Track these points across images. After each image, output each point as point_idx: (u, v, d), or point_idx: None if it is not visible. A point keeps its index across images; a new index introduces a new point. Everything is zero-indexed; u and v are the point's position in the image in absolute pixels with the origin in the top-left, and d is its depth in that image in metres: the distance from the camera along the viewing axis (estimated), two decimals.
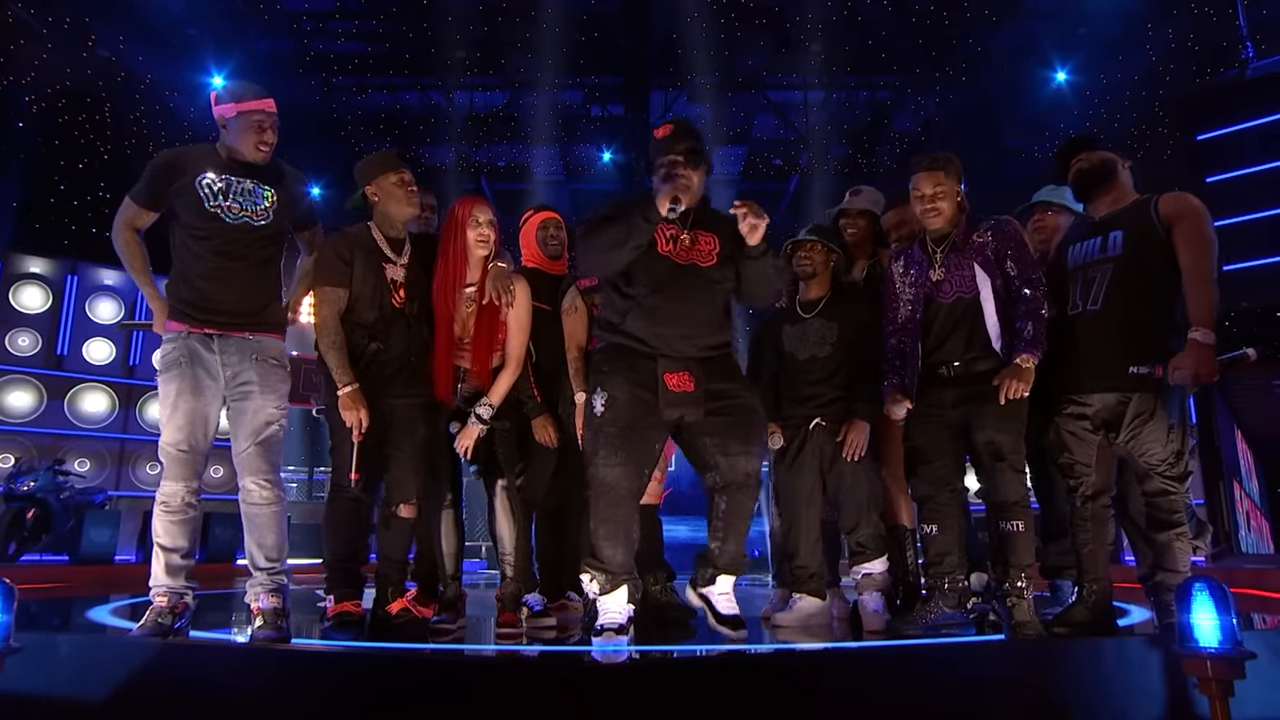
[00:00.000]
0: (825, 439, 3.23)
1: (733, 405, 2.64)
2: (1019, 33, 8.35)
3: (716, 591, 2.68)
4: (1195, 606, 2.08)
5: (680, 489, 11.94)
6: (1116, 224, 2.81)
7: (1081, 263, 2.84)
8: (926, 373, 2.94)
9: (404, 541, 3.04)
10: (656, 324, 2.64)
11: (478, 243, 3.06)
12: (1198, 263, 2.63)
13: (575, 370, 3.32)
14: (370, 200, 3.04)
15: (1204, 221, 2.70)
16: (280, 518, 2.68)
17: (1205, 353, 2.53)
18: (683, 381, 2.60)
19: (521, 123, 10.03)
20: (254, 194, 2.72)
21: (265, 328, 2.72)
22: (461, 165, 10.23)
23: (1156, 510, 2.69)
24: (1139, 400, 2.67)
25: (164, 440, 2.65)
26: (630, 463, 2.59)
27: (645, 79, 9.80)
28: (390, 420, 2.94)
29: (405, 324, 2.97)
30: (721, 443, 2.64)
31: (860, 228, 3.59)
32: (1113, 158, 2.88)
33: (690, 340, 2.64)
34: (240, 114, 2.70)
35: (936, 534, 2.92)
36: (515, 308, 3.10)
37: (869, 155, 10.04)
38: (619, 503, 2.58)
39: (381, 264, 2.96)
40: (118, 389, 8.86)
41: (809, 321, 3.34)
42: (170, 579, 2.60)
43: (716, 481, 2.67)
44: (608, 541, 2.59)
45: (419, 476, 2.98)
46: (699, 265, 2.68)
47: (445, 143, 10.08)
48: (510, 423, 3.18)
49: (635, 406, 2.61)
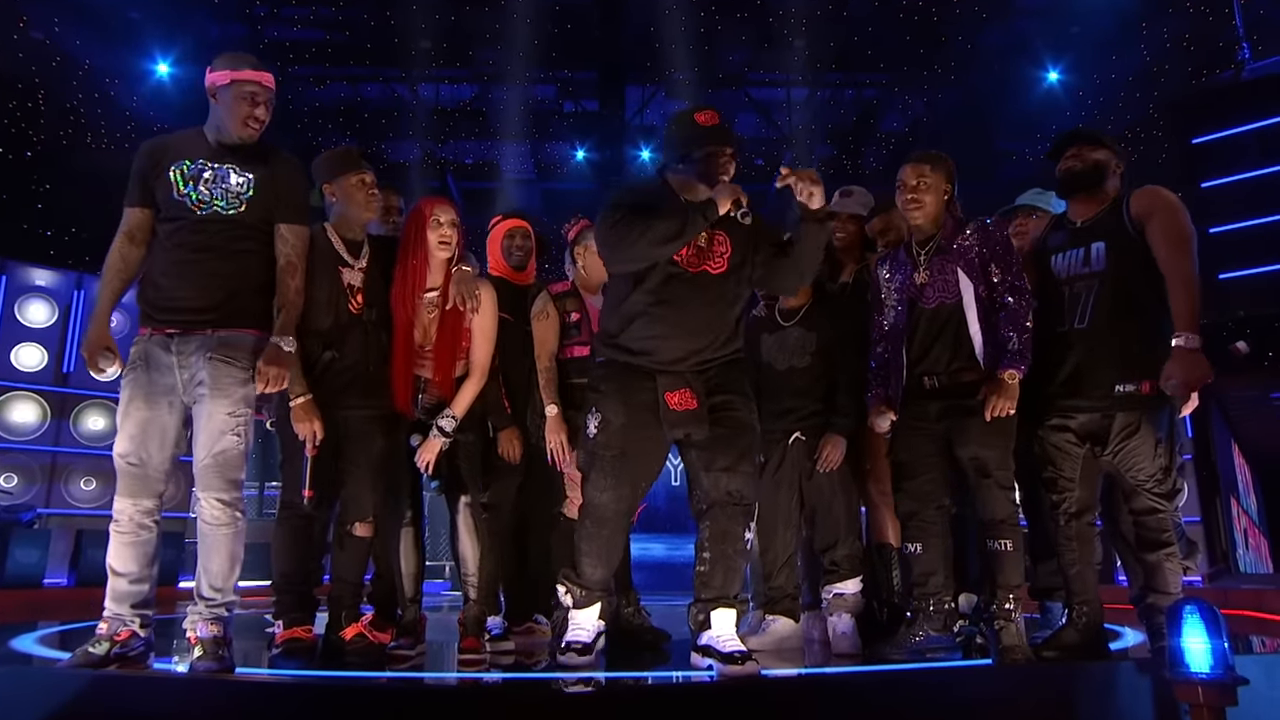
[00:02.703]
0: (805, 455, 3.26)
1: (726, 418, 2.62)
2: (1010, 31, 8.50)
3: (713, 634, 2.54)
4: (1186, 630, 2.12)
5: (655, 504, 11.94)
6: (1097, 233, 2.85)
7: (1066, 276, 2.89)
8: (911, 384, 2.97)
9: (359, 562, 3.01)
10: (661, 337, 2.62)
11: (440, 245, 3.06)
12: (1175, 260, 2.67)
13: (545, 381, 3.33)
14: (327, 200, 3.03)
15: (1176, 214, 2.73)
16: (232, 542, 2.57)
17: (1192, 358, 2.56)
18: (685, 399, 2.59)
19: (490, 118, 10.01)
20: (228, 180, 2.62)
21: (230, 322, 2.58)
22: (427, 162, 10.18)
23: (1144, 529, 2.74)
24: (1125, 414, 2.72)
25: (115, 451, 2.58)
26: (622, 486, 2.61)
27: (621, 74, 9.83)
28: (346, 433, 2.92)
29: (362, 331, 2.96)
30: (707, 457, 2.62)
31: (850, 232, 3.61)
32: (1105, 161, 2.90)
33: (696, 355, 2.63)
34: (234, 82, 2.61)
35: (921, 553, 2.95)
36: (481, 314, 3.10)
37: (855, 156, 10.14)
38: (604, 523, 2.63)
39: (337, 267, 2.95)
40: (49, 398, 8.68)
41: (788, 330, 3.37)
42: (114, 604, 2.52)
43: (700, 502, 2.65)
44: (589, 559, 2.63)
45: (376, 493, 2.96)
46: (710, 273, 2.65)
47: (409, 138, 10.04)
48: (475, 436, 3.18)
49: (631, 430, 2.61)
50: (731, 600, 2.58)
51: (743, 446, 2.61)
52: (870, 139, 10.16)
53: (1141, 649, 3.05)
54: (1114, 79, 8.34)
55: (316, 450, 2.83)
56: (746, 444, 2.62)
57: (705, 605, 2.58)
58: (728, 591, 2.57)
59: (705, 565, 2.60)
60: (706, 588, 2.59)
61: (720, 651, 2.49)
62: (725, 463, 2.58)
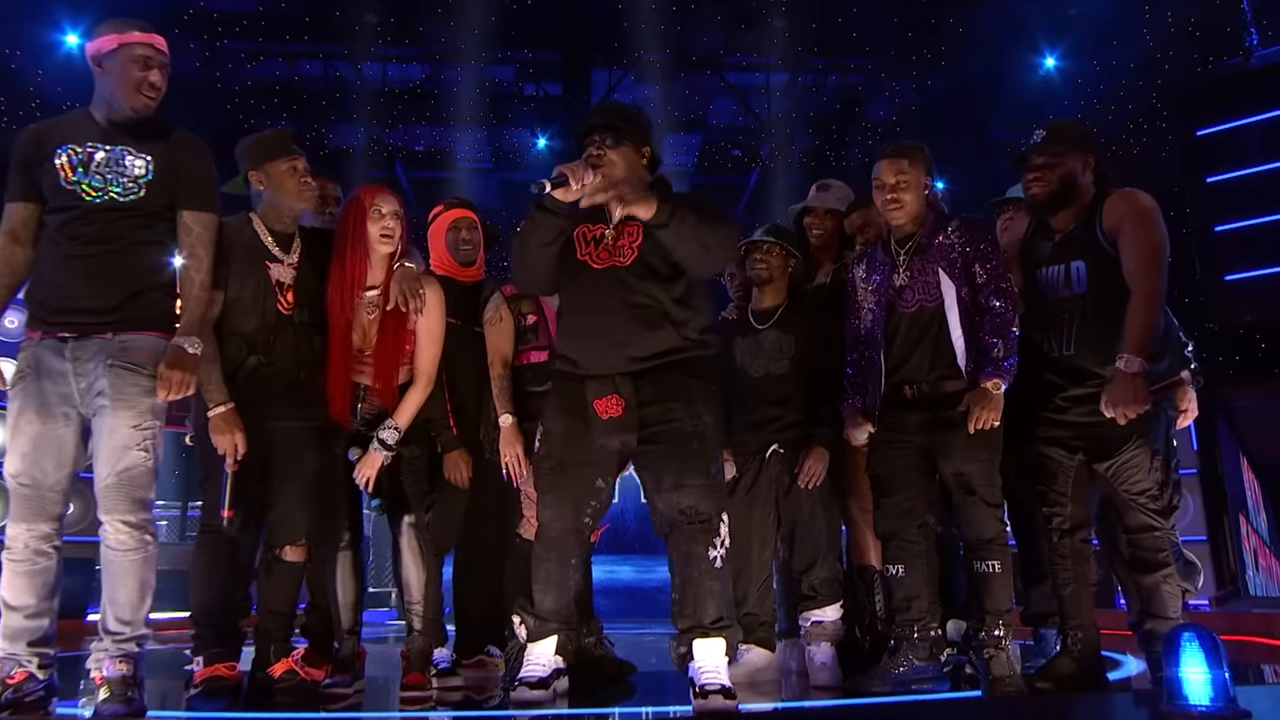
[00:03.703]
0: (783, 468, 3.28)
1: (664, 431, 2.60)
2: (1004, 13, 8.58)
3: (696, 665, 2.53)
4: (1185, 659, 2.15)
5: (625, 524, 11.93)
6: (1076, 249, 2.91)
7: (1050, 297, 2.94)
8: (890, 393, 3.00)
9: (290, 590, 2.98)
10: (579, 341, 2.69)
11: (381, 238, 3.04)
12: (1140, 276, 2.73)
13: (499, 390, 3.34)
14: (254, 188, 2.99)
15: (1147, 224, 2.78)
16: (141, 569, 2.51)
17: (1130, 383, 2.63)
18: (610, 406, 2.60)
19: (443, 101, 9.93)
20: (123, 163, 2.55)
21: (133, 324, 2.52)
22: (372, 148, 10.08)
23: (1139, 549, 2.79)
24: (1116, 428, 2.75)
25: (5, 471, 2.53)
26: (564, 501, 2.63)
27: (586, 55, 9.82)
28: (274, 446, 2.89)
29: (293, 333, 2.93)
30: (654, 477, 2.63)
31: (827, 228, 3.65)
32: (1072, 170, 2.93)
33: (617, 353, 2.63)
34: (122, 46, 2.55)
35: (903, 575, 2.97)
36: (426, 314, 3.09)
37: (838, 147, 10.19)
38: (550, 544, 2.65)
39: (265, 263, 2.91)
40: None
41: (763, 333, 3.39)
42: (8, 643, 2.45)
43: (660, 526, 2.65)
44: (537, 585, 2.65)
45: (309, 513, 2.92)
46: (618, 267, 2.68)
47: (353, 121, 9.92)
48: (420, 449, 3.17)
49: (568, 440, 2.65)
50: (710, 628, 2.54)
51: (686, 458, 2.58)
52: (855, 128, 10.21)
53: (1143, 679, 3.10)
54: (1114, 65, 8.46)
55: (238, 465, 2.79)
56: (690, 454, 2.59)
57: (684, 637, 2.58)
58: (702, 619, 2.54)
59: (676, 593, 2.61)
60: (681, 617, 2.59)
61: (696, 684, 2.49)
62: (672, 480, 2.58)
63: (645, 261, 2.67)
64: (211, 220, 2.69)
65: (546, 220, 2.64)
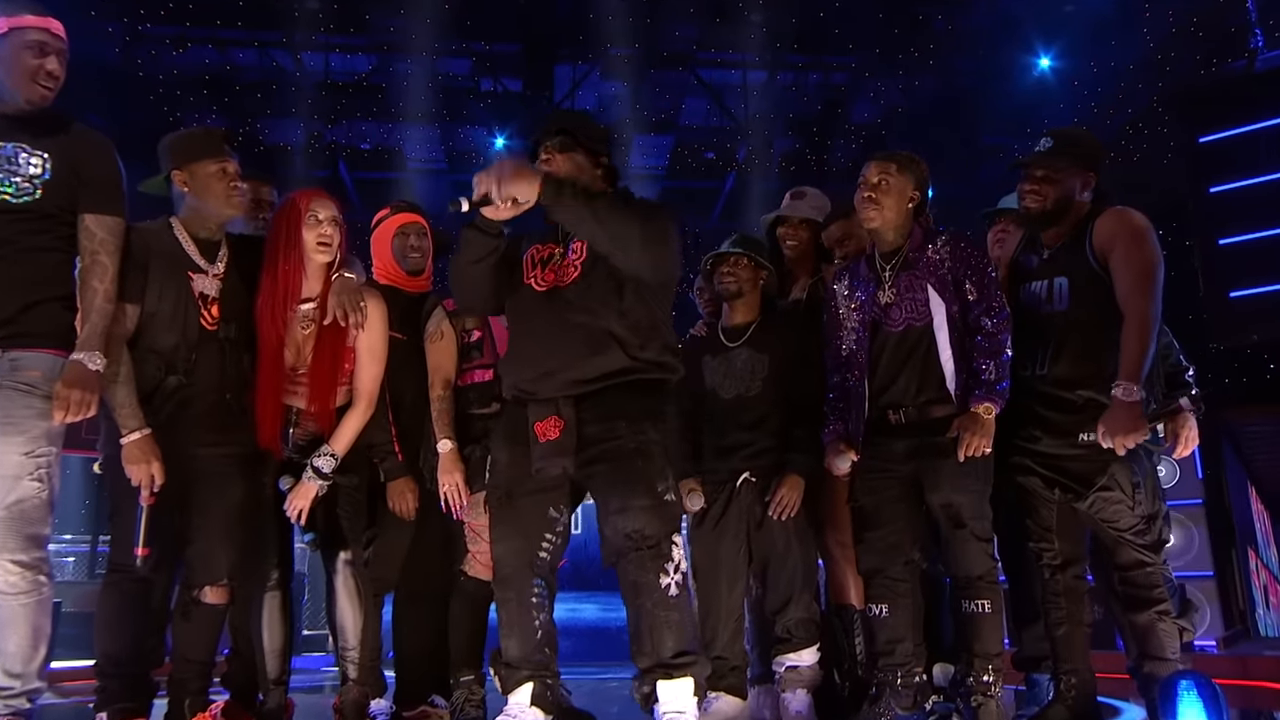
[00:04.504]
0: (755, 499, 3.28)
1: (607, 450, 2.61)
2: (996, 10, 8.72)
3: (660, 711, 2.52)
4: (1182, 709, 2.17)
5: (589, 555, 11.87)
6: (1062, 265, 2.99)
7: (1031, 314, 3.00)
8: (874, 418, 3.02)
9: (210, 636, 2.93)
10: (523, 366, 2.74)
11: (318, 246, 3.02)
12: (1133, 298, 2.80)
13: (439, 413, 3.31)
14: (176, 189, 2.96)
15: (1140, 243, 2.87)
16: (35, 614, 2.46)
17: (1127, 411, 2.70)
18: (549, 428, 2.62)
19: (392, 95, 9.90)
20: (16, 161, 2.52)
21: (26, 339, 2.49)
22: (313, 146, 10.02)
23: (1131, 586, 2.84)
24: (1093, 462, 2.82)
25: None
26: (513, 536, 2.67)
27: (549, 49, 9.83)
28: (195, 476, 2.84)
29: (218, 350, 2.90)
30: (601, 502, 2.66)
31: (802, 239, 3.69)
32: (1071, 189, 3.01)
33: (560, 375, 2.66)
34: (13, 31, 2.53)
35: (887, 616, 2.98)
36: (368, 329, 3.08)
37: (820, 150, 10.28)
38: (505, 583, 2.67)
39: (187, 273, 2.88)
40: None
41: (734, 352, 3.40)
42: None
43: (609, 556, 2.65)
44: (502, 630, 2.67)
45: (232, 549, 2.89)
46: (560, 287, 2.73)
47: (291, 116, 9.84)
48: (359, 478, 3.15)
49: (513, 468, 2.69)
50: (673, 664, 2.51)
51: (631, 478, 2.58)
52: (838, 130, 10.30)
53: None
54: (1113, 67, 8.61)
55: (154, 498, 2.73)
56: (634, 473, 2.58)
57: (646, 677, 2.56)
58: (661, 654, 2.51)
59: (630, 626, 2.60)
60: (640, 655, 2.57)
61: None
62: (616, 503, 2.58)
63: (588, 279, 2.70)
64: (117, 225, 2.65)
65: (476, 238, 2.68)
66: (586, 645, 7.88)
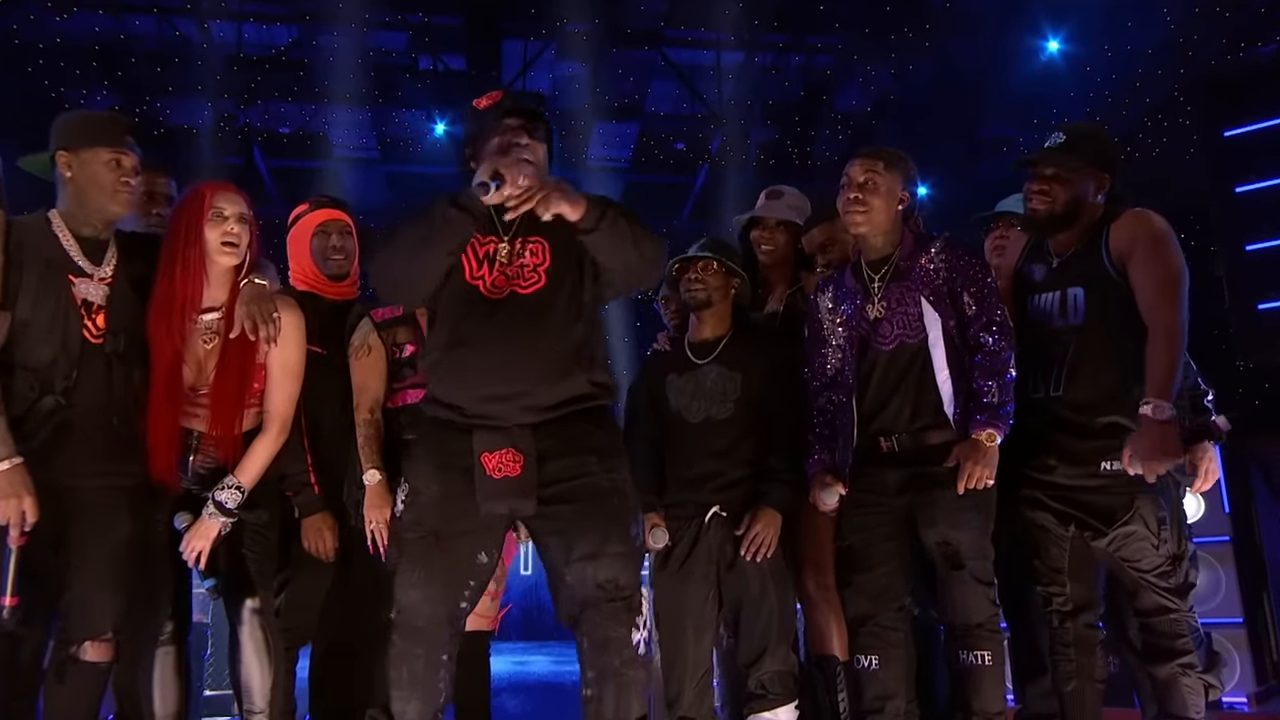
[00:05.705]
0: (726, 536, 3.28)
1: (578, 487, 2.60)
2: None
3: None
4: None
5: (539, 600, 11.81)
6: (1075, 274, 3.02)
7: (1041, 329, 3.04)
8: (864, 446, 3.04)
9: (89, 701, 2.86)
10: (467, 384, 2.65)
11: (222, 247, 3.00)
12: (1158, 308, 2.85)
13: (365, 439, 3.30)
14: (60, 173, 2.93)
15: (1162, 248, 2.92)
16: None
17: (1160, 431, 2.73)
18: (504, 462, 2.58)
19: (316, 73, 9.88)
20: None
21: None
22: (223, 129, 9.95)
23: (1154, 634, 2.87)
24: (1115, 495, 2.85)
25: None
26: (433, 583, 2.59)
27: (496, 22, 9.86)
28: (74, 512, 2.80)
29: (104, 366, 2.86)
30: (563, 544, 2.61)
31: (779, 244, 3.71)
32: (1083, 191, 3.05)
33: (518, 401, 2.62)
34: None
35: (877, 669, 2.99)
36: (281, 343, 3.07)
37: (802, 141, 10.38)
38: (417, 636, 2.58)
39: (67, 276, 2.84)
40: None
41: (703, 370, 3.40)
42: None
43: (568, 606, 2.63)
44: (398, 690, 2.57)
45: (118, 597, 2.83)
46: (519, 293, 2.67)
47: (197, 94, 9.78)
48: (270, 514, 3.15)
49: (446, 503, 2.62)
50: None
51: (609, 520, 2.59)
52: (823, 119, 10.42)
53: None
54: (1129, 51, 8.76)
55: (25, 537, 2.69)
56: (612, 514, 2.60)
57: None
58: (628, 718, 2.55)
59: (590, 688, 2.59)
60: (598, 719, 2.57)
61: None
62: (588, 548, 2.57)
63: (556, 291, 2.68)
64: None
65: (462, 221, 2.61)
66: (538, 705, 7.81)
